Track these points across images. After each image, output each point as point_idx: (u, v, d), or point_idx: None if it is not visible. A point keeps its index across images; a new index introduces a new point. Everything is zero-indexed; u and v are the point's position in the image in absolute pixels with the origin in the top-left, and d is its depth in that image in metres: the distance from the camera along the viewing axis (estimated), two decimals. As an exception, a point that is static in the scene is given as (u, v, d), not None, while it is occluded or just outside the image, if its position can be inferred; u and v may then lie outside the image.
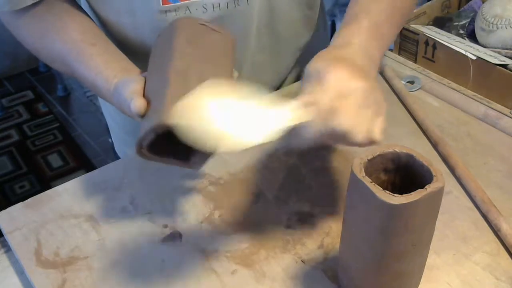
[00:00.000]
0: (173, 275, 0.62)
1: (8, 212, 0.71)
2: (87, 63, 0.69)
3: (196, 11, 0.75)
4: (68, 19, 0.72)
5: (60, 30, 0.71)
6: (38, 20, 0.72)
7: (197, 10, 0.75)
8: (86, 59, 0.69)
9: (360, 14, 0.66)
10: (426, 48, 0.94)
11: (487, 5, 0.94)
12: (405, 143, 0.80)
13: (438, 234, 0.58)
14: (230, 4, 0.76)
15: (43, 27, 0.72)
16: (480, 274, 0.61)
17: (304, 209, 0.69)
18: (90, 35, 0.72)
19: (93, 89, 0.70)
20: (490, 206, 0.67)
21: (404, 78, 0.93)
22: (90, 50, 0.70)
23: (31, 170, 2.32)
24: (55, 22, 0.72)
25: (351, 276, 0.57)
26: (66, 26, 0.71)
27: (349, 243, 0.56)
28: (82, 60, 0.69)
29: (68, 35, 0.71)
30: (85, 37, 0.71)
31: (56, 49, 0.71)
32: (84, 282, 0.62)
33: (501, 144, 0.79)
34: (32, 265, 0.64)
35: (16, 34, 0.75)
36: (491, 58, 0.86)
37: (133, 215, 0.70)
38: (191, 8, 0.75)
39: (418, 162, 0.52)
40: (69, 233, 0.68)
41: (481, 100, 0.86)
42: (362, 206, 0.51)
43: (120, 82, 0.64)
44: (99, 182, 0.74)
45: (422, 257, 0.55)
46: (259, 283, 0.61)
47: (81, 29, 0.72)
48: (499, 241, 0.65)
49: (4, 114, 2.67)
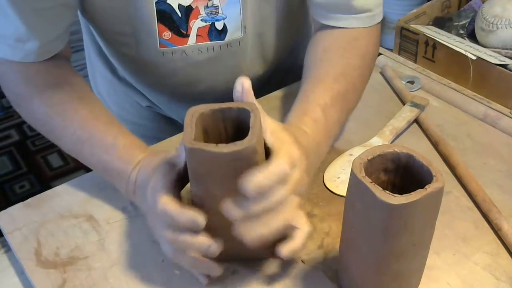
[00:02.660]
0: (173, 275, 0.62)
1: (8, 212, 0.71)
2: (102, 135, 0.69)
3: (192, 53, 0.79)
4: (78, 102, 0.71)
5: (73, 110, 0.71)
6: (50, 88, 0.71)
7: (192, 52, 0.79)
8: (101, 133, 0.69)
9: (316, 99, 0.69)
10: (426, 48, 0.94)
11: (487, 5, 0.94)
12: (405, 143, 0.80)
13: (438, 234, 0.58)
14: (223, 47, 0.79)
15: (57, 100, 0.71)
16: (480, 274, 0.61)
17: (305, 208, 0.69)
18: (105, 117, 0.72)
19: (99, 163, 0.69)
20: (491, 206, 0.67)
21: (404, 78, 0.93)
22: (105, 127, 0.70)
23: (31, 170, 2.32)
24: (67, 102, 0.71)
25: (351, 276, 0.57)
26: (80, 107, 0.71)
27: (349, 243, 0.56)
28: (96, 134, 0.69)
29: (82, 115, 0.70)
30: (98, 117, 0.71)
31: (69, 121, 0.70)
32: (84, 282, 0.62)
33: (501, 144, 0.79)
34: (32, 265, 0.64)
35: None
36: (491, 58, 0.86)
37: (133, 215, 0.70)
38: (187, 51, 0.78)
39: (418, 162, 0.52)
40: (69, 233, 0.68)
41: (481, 100, 0.86)
42: (362, 206, 0.51)
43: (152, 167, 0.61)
44: (99, 182, 0.74)
45: (422, 257, 0.55)
46: (259, 283, 0.61)
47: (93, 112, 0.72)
48: (499, 241, 0.65)
49: (4, 114, 2.66)
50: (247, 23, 0.78)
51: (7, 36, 0.68)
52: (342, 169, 0.74)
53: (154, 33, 0.75)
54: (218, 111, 0.56)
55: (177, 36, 0.76)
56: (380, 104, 0.88)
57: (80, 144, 0.69)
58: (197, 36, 0.77)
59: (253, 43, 0.83)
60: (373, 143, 0.78)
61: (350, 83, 0.73)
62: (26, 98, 0.72)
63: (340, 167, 0.75)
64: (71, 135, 0.69)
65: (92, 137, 0.68)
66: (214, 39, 0.78)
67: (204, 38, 0.77)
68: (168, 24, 0.75)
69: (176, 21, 0.75)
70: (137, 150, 0.67)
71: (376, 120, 0.83)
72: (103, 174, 0.70)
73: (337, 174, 0.74)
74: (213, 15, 0.75)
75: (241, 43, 0.80)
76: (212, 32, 0.77)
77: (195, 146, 0.52)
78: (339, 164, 0.75)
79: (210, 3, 0.74)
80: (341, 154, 0.77)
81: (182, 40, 0.77)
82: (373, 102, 0.88)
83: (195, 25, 0.76)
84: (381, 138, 0.79)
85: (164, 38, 0.76)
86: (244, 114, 0.55)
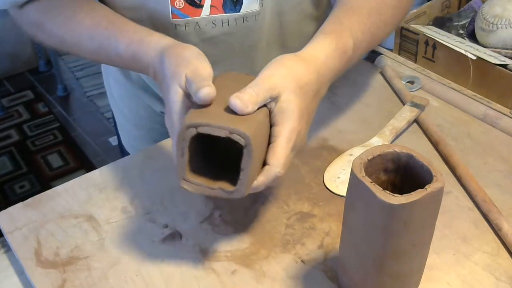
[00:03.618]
0: (173, 275, 0.62)
1: (8, 212, 0.71)
2: (121, 28, 0.70)
3: (206, 26, 0.77)
4: (88, 6, 0.74)
5: (83, 11, 0.73)
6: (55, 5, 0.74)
7: (206, 25, 0.77)
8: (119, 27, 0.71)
9: (343, 23, 0.69)
10: (426, 48, 0.94)
11: (487, 5, 0.94)
12: (405, 143, 0.80)
13: (438, 234, 0.58)
14: (238, 20, 0.77)
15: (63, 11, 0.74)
16: (480, 274, 0.61)
17: (304, 209, 0.69)
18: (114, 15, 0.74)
19: (121, 59, 0.70)
20: (491, 205, 0.67)
21: (404, 78, 0.93)
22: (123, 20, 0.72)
23: (31, 170, 2.32)
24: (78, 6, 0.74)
25: (351, 276, 0.57)
26: (91, 9, 0.74)
27: (349, 243, 0.56)
28: (114, 28, 0.71)
29: (95, 12, 0.73)
30: (112, 14, 0.73)
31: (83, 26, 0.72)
32: (84, 282, 0.62)
33: (501, 144, 0.79)
34: (32, 265, 0.64)
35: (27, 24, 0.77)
36: (491, 58, 0.86)
37: (133, 215, 0.70)
38: (201, 24, 0.77)
39: (418, 162, 0.52)
40: (69, 233, 0.68)
41: (481, 100, 0.86)
42: (362, 206, 0.51)
43: (174, 50, 0.63)
44: (99, 182, 0.74)
45: (422, 257, 0.55)
46: (259, 283, 0.61)
47: (103, 11, 0.74)
48: (499, 241, 0.65)
49: (4, 114, 2.67)
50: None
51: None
52: (342, 169, 0.74)
53: (166, 0, 0.74)
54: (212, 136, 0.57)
55: (190, 5, 0.74)
56: (380, 104, 0.88)
57: (95, 55, 0.73)
58: (211, 7, 0.75)
59: (270, 22, 0.80)
60: (373, 143, 0.78)
61: (382, 20, 0.72)
62: (39, 25, 0.75)
63: (340, 167, 0.75)
64: (84, 48, 0.73)
65: (101, 47, 0.71)
66: (228, 11, 0.76)
67: (218, 10, 0.75)
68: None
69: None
70: (143, 52, 0.67)
71: (376, 120, 0.83)
72: (129, 67, 0.74)
73: (337, 174, 0.74)
74: None
75: (258, 18, 0.78)
76: (226, 3, 0.75)
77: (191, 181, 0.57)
78: (339, 164, 0.75)
79: None
80: (341, 154, 0.77)
81: (196, 10, 0.75)
82: (373, 102, 0.88)
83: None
84: (381, 138, 0.79)
85: (177, 7, 0.74)
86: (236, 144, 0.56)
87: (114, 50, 0.69)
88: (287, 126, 0.58)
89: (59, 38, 0.74)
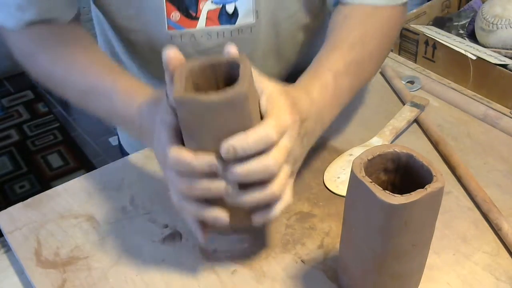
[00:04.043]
0: (173, 275, 0.62)
1: (8, 212, 0.71)
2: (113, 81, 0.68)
3: (201, 38, 0.77)
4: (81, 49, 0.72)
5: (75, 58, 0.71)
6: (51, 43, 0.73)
7: (202, 37, 0.77)
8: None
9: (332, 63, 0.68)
10: (426, 48, 0.94)
11: (487, 5, 0.94)
12: (405, 143, 0.80)
13: (438, 234, 0.58)
14: (234, 32, 0.77)
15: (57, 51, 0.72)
16: (480, 274, 0.61)
17: (304, 209, 0.69)
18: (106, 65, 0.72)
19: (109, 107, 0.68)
20: (491, 206, 0.67)
21: (404, 78, 0.93)
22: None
23: (31, 170, 2.32)
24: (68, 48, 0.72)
25: (351, 276, 0.57)
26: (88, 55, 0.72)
27: (349, 243, 0.56)
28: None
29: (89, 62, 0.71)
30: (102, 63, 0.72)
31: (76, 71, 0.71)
32: (84, 282, 0.62)
33: (501, 144, 0.79)
34: (32, 265, 0.64)
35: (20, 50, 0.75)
36: (491, 58, 0.86)
37: (133, 215, 0.70)
38: (196, 36, 0.77)
39: (418, 162, 0.52)
40: (69, 233, 0.68)
41: (481, 100, 0.86)
42: (362, 206, 0.51)
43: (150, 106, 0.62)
44: (99, 182, 0.74)
45: (422, 257, 0.55)
46: (259, 283, 0.61)
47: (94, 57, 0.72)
48: (499, 241, 0.65)
49: (4, 114, 2.67)
50: (260, 7, 0.76)
51: (9, 4, 0.70)
52: (342, 169, 0.74)
53: (162, 12, 0.73)
54: (208, 66, 0.55)
55: (186, 18, 0.74)
56: (380, 104, 0.88)
57: (84, 95, 0.70)
58: (206, 19, 0.75)
59: (266, 33, 0.80)
60: (373, 143, 0.78)
61: (367, 51, 0.71)
62: (29, 54, 0.73)
63: (340, 167, 0.75)
64: (74, 86, 0.70)
65: (93, 86, 0.68)
66: (224, 23, 0.76)
67: (214, 22, 0.76)
68: (177, 4, 0.73)
69: (185, 1, 0.73)
70: (137, 93, 0.65)
71: (376, 120, 0.83)
72: (111, 122, 0.71)
73: (337, 174, 0.74)
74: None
75: (253, 30, 0.78)
76: (222, 16, 0.75)
77: (185, 96, 0.50)
78: (339, 164, 0.75)
79: None
80: (341, 154, 0.77)
81: (191, 22, 0.75)
82: (373, 102, 0.88)
83: (205, 7, 0.74)
84: (381, 138, 0.79)
85: (173, 19, 0.74)
86: (235, 68, 0.54)
87: (108, 91, 0.67)
88: (277, 113, 0.55)
89: (48, 71, 0.73)
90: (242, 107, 0.51)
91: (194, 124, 0.52)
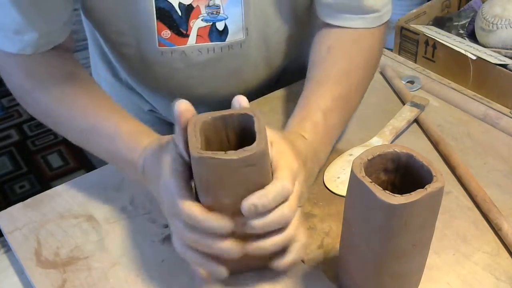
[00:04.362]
0: (173, 275, 0.62)
1: (8, 212, 0.71)
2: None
3: (192, 54, 0.78)
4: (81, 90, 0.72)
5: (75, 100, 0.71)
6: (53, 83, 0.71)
7: (192, 53, 0.78)
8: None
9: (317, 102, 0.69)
10: (426, 48, 0.94)
11: (487, 5, 0.94)
12: (405, 143, 0.80)
13: (438, 234, 0.58)
14: (224, 48, 0.78)
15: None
16: (480, 274, 0.61)
17: (304, 209, 0.69)
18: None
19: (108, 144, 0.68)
20: (491, 206, 0.67)
21: (404, 78, 0.93)
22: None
23: (31, 170, 2.32)
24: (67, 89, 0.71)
25: (351, 276, 0.57)
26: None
27: (349, 243, 0.56)
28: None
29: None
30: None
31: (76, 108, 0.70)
32: (84, 282, 0.62)
33: (501, 144, 0.79)
34: (32, 265, 0.64)
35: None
36: (491, 58, 0.86)
37: (133, 215, 0.70)
38: (187, 52, 0.77)
39: (418, 162, 0.52)
40: (69, 233, 0.68)
41: (481, 100, 0.86)
42: (362, 206, 0.51)
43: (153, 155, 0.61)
44: (99, 182, 0.74)
45: (422, 257, 0.55)
46: (259, 283, 0.61)
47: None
48: (499, 241, 0.65)
49: (4, 114, 2.66)
50: (250, 24, 0.77)
51: (5, 28, 0.68)
52: (342, 169, 0.74)
53: (153, 31, 0.74)
54: (219, 118, 0.55)
55: (176, 35, 0.76)
56: (380, 104, 0.88)
57: (84, 134, 0.69)
58: (197, 37, 0.76)
59: (256, 47, 0.81)
60: (373, 143, 0.78)
61: (352, 84, 0.73)
62: (27, 90, 0.72)
63: (340, 167, 0.75)
64: (74, 126, 0.70)
65: (95, 126, 0.68)
66: (214, 40, 0.77)
67: (204, 39, 0.77)
68: (168, 23, 0.74)
69: (176, 20, 0.74)
70: (141, 137, 0.66)
71: (376, 120, 0.83)
72: (111, 163, 0.71)
73: (337, 174, 0.74)
74: (214, 15, 0.75)
75: (243, 46, 0.79)
76: (212, 33, 0.77)
77: (204, 155, 0.50)
78: (339, 164, 0.75)
79: (211, 3, 0.74)
80: (341, 154, 0.77)
81: (182, 40, 0.76)
82: (373, 102, 0.88)
83: (195, 25, 0.75)
84: (381, 138, 0.79)
85: (163, 37, 0.75)
86: (246, 120, 0.54)
87: (112, 134, 0.67)
88: (286, 163, 0.56)
89: (48, 110, 0.71)
90: (262, 164, 0.52)
91: (211, 181, 0.53)
